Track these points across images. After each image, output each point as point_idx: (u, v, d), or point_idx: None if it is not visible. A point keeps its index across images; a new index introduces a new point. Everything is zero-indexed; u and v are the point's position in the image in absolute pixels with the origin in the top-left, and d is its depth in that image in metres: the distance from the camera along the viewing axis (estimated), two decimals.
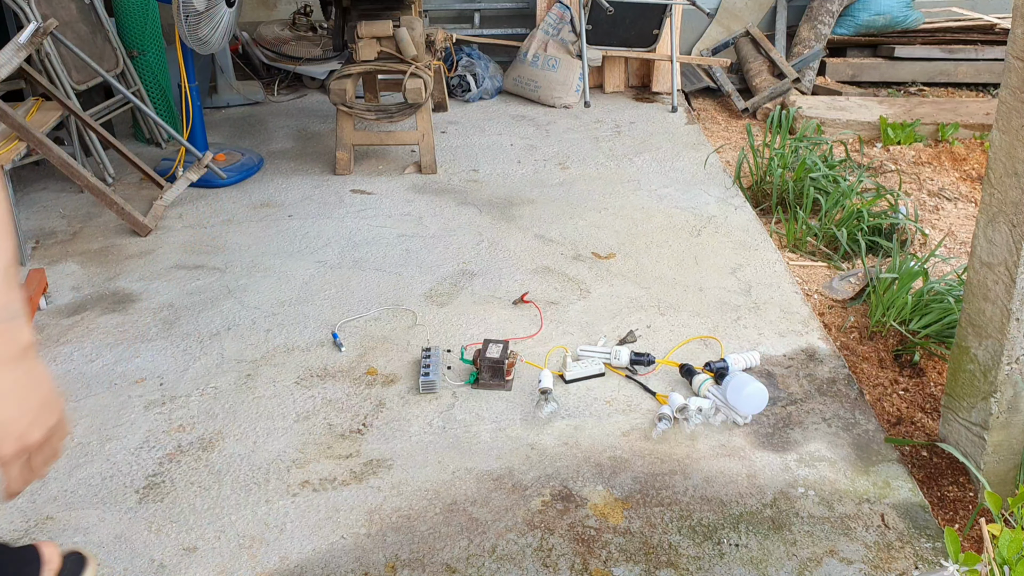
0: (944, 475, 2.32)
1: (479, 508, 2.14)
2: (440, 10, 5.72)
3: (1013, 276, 1.98)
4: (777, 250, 3.40)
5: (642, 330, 2.86)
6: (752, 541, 2.04)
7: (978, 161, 4.26)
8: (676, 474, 2.25)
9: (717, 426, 2.42)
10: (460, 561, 1.99)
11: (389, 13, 4.16)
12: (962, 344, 2.19)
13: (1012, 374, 2.07)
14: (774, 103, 4.96)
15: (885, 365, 2.78)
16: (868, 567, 1.98)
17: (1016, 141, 1.93)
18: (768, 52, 5.34)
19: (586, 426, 2.43)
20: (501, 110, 5.08)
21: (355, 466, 2.28)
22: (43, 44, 3.74)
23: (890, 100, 4.98)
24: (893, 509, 2.14)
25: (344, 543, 2.05)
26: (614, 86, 5.42)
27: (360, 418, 2.46)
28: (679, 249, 3.41)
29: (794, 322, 2.91)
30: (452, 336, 2.84)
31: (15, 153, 3.26)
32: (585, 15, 5.09)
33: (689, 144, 4.53)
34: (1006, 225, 1.99)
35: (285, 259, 3.32)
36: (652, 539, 2.05)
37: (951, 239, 3.58)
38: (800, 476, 2.24)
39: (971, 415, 2.19)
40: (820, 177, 3.72)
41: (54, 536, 2.09)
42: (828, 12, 5.44)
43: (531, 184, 4.03)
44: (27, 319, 1.01)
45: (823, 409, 2.49)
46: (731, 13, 5.68)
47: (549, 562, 1.99)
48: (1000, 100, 1.97)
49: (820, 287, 3.23)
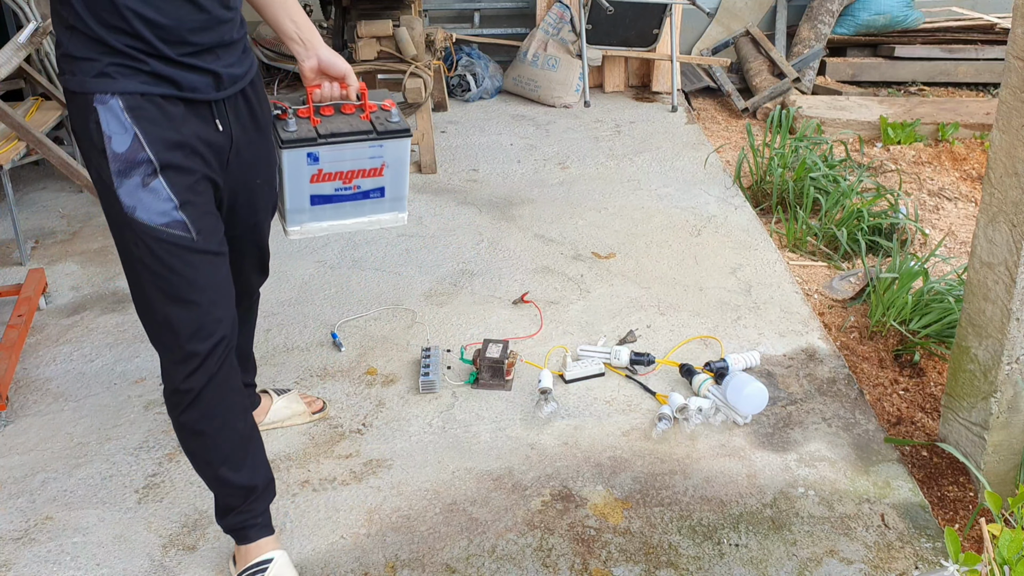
0: (944, 475, 2.32)
1: (479, 508, 2.14)
2: (440, 10, 5.71)
3: (1013, 276, 1.98)
4: (777, 250, 3.40)
5: (642, 330, 2.86)
6: (752, 541, 2.04)
7: (978, 161, 4.26)
8: (676, 474, 2.25)
9: (717, 426, 2.42)
10: (460, 561, 1.99)
11: (389, 13, 4.15)
12: (962, 344, 2.19)
13: (1012, 374, 2.07)
14: (774, 103, 4.95)
15: (885, 365, 2.77)
16: (868, 567, 1.98)
17: (1016, 141, 1.93)
18: (768, 52, 5.33)
19: (586, 426, 2.42)
20: (501, 110, 5.08)
21: (355, 466, 2.28)
22: (43, 44, 3.74)
23: (890, 100, 4.97)
24: (893, 509, 2.14)
25: (344, 543, 2.05)
26: (614, 86, 5.42)
27: (360, 418, 2.46)
28: (679, 249, 3.41)
29: (794, 322, 2.91)
30: (452, 336, 2.84)
31: (15, 153, 3.26)
32: (585, 15, 5.09)
33: (689, 144, 4.53)
34: (1006, 225, 1.99)
35: (284, 259, 3.32)
36: (652, 539, 2.05)
37: (951, 239, 3.58)
38: (800, 476, 2.24)
39: (971, 415, 2.18)
40: (820, 177, 3.72)
41: (54, 536, 2.09)
42: (828, 12, 5.44)
43: (531, 184, 4.03)
44: None
45: (823, 409, 2.49)
46: (731, 13, 5.68)
47: (549, 562, 1.99)
48: (1000, 100, 1.97)
49: (820, 287, 3.23)
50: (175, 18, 1.55)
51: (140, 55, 1.55)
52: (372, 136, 1.93)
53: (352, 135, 1.92)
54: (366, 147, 1.94)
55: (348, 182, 1.98)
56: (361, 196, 2.01)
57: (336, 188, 1.98)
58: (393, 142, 1.96)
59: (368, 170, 1.98)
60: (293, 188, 1.94)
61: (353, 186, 1.99)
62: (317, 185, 1.95)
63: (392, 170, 2.00)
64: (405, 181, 2.04)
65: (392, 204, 2.06)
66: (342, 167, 1.95)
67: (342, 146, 1.92)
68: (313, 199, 1.97)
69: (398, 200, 2.06)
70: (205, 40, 1.61)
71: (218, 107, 1.68)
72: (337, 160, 1.94)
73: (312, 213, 1.99)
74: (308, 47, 1.82)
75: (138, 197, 1.59)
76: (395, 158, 1.98)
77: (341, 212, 2.01)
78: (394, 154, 1.98)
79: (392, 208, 2.07)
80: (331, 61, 1.85)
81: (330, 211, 2.00)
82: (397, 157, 1.98)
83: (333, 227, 2.03)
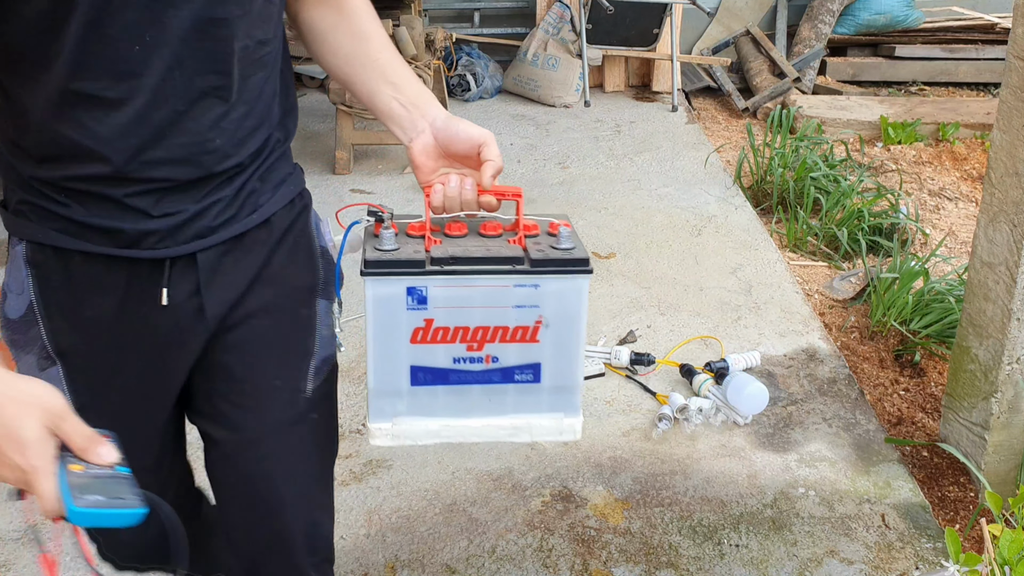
0: (945, 475, 2.32)
1: (479, 508, 2.14)
2: (440, 9, 5.71)
3: (1014, 276, 1.98)
4: (777, 250, 3.39)
5: (642, 330, 2.86)
6: (752, 541, 2.04)
7: (979, 161, 4.25)
8: (676, 474, 2.25)
9: (717, 426, 2.42)
10: (460, 561, 1.99)
11: (389, 12, 4.15)
12: (963, 344, 2.19)
13: (1013, 374, 2.07)
14: (775, 102, 4.95)
15: (886, 365, 2.77)
16: (869, 567, 1.97)
17: (1017, 140, 1.92)
18: (768, 51, 5.33)
19: (586, 426, 2.42)
20: (501, 109, 5.07)
21: (355, 466, 2.28)
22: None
23: (891, 99, 4.97)
24: (894, 509, 2.14)
25: (343, 543, 2.04)
26: (614, 85, 5.42)
27: (360, 418, 2.45)
28: (679, 249, 3.40)
29: (795, 322, 2.91)
30: None
31: None
32: (585, 14, 5.09)
33: (689, 144, 4.53)
34: (1007, 225, 1.98)
35: None
36: (652, 539, 2.05)
37: (952, 239, 3.58)
38: (801, 476, 2.24)
39: (972, 415, 2.18)
40: (821, 177, 3.71)
41: (53, 536, 2.08)
42: (829, 11, 5.44)
43: (531, 184, 4.03)
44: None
45: (824, 409, 2.49)
46: (731, 12, 5.67)
47: (549, 563, 1.99)
48: (1001, 99, 1.97)
49: (821, 287, 3.23)
50: (122, 143, 0.94)
51: (54, 194, 0.99)
52: (521, 268, 1.09)
53: (485, 264, 1.09)
54: (509, 286, 1.10)
55: (477, 348, 1.13)
56: (499, 376, 1.14)
57: (456, 357, 1.12)
58: (558, 281, 1.11)
59: (512, 329, 1.12)
60: (381, 351, 1.12)
61: (485, 356, 1.13)
62: (423, 348, 1.12)
63: (556, 333, 1.13)
64: (579, 356, 1.16)
65: (554, 398, 1.16)
66: (467, 320, 1.11)
67: (468, 279, 1.09)
68: (416, 374, 1.13)
69: (564, 392, 1.17)
70: (178, 174, 0.99)
71: (178, 267, 1.04)
72: (459, 306, 1.10)
73: (413, 400, 1.14)
74: (413, 111, 1.12)
75: None
76: (561, 312, 1.13)
77: (463, 402, 1.15)
78: (560, 305, 1.12)
79: (553, 406, 1.17)
80: (455, 132, 1.11)
81: (444, 399, 1.15)
82: (565, 310, 1.13)
83: (448, 430, 1.17)
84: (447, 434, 1.17)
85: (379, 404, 1.14)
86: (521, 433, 1.18)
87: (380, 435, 1.15)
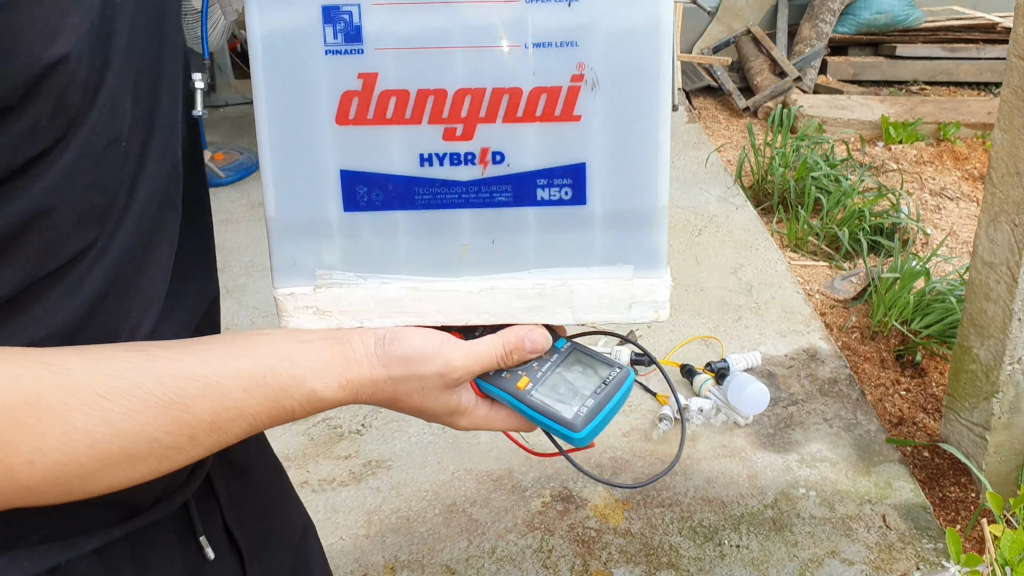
0: (946, 476, 2.31)
1: (479, 509, 2.14)
2: None
3: (1015, 276, 1.97)
4: (778, 250, 3.39)
5: (642, 330, 2.85)
6: (753, 542, 2.04)
7: (980, 160, 4.25)
8: (677, 475, 2.24)
9: (718, 427, 2.41)
10: (459, 562, 1.99)
11: None
12: (964, 344, 2.18)
13: (1014, 374, 2.07)
14: (775, 102, 4.95)
15: (887, 365, 2.77)
16: (869, 568, 1.97)
17: (1018, 140, 1.92)
18: (769, 51, 5.33)
19: None
20: None
21: (354, 467, 2.28)
22: None
23: (892, 99, 4.97)
24: (895, 510, 2.13)
25: (343, 544, 2.04)
26: None
27: (359, 418, 2.45)
28: (680, 249, 3.40)
29: (795, 322, 2.90)
30: None
31: None
32: None
33: (690, 143, 4.52)
34: (1008, 225, 1.98)
35: None
36: (652, 540, 2.04)
37: (953, 239, 3.57)
38: (801, 477, 2.23)
39: (973, 415, 2.18)
40: (821, 176, 3.71)
41: None
42: (829, 10, 5.43)
43: None
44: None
45: (824, 409, 2.49)
46: (732, 11, 5.67)
47: (549, 563, 1.98)
48: (1002, 99, 1.96)
49: (821, 287, 3.22)
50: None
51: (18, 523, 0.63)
52: None
53: None
54: (520, 1, 0.61)
55: (462, 133, 0.62)
56: (506, 191, 0.64)
57: (425, 152, 0.62)
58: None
59: (528, 95, 0.62)
60: (281, 143, 0.62)
61: (479, 149, 0.63)
62: (361, 132, 0.68)
63: (614, 102, 0.61)
64: (660, 151, 0.63)
65: (615, 236, 0.66)
66: (441, 77, 0.61)
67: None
68: (350, 187, 0.68)
69: (635, 224, 0.66)
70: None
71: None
72: (425, 46, 0.60)
73: (348, 238, 0.71)
74: None
75: None
76: (625, 56, 0.60)
77: (441, 245, 0.69)
78: (621, 43, 0.60)
79: (613, 252, 0.67)
80: None
81: (406, 238, 0.78)
82: (633, 53, 0.60)
83: (417, 304, 0.66)
84: (414, 310, 0.64)
85: (287, 250, 0.63)
86: (551, 310, 0.65)
87: (293, 311, 0.64)
